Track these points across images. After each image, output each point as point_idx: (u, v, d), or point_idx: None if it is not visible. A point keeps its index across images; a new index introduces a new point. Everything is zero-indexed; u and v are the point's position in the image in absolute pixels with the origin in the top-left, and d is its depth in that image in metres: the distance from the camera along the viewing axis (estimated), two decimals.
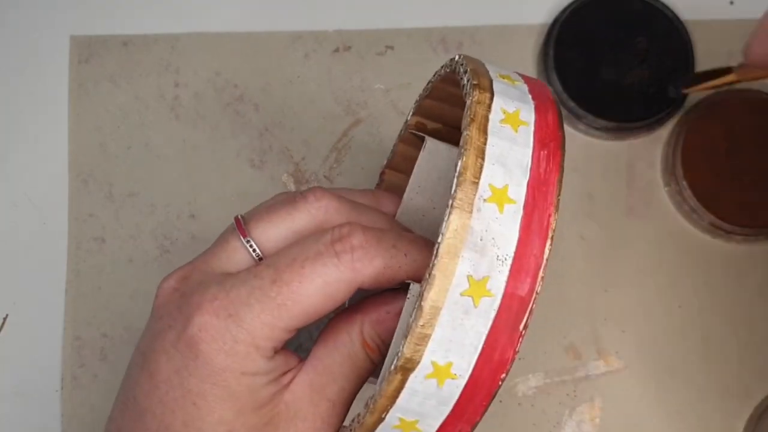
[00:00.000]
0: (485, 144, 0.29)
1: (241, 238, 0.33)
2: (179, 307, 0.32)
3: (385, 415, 0.29)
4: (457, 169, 0.28)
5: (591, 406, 0.46)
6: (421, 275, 0.31)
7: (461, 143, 0.29)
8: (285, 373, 0.33)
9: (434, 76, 0.36)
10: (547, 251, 0.29)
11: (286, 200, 0.34)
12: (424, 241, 0.32)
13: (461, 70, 0.31)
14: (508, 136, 0.29)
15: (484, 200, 0.28)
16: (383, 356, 0.33)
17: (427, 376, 0.28)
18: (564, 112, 0.49)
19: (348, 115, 0.49)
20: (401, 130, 0.40)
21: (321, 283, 0.31)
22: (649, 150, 0.49)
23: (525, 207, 0.29)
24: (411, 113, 0.39)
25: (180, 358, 0.31)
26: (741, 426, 0.47)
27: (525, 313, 0.28)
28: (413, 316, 0.28)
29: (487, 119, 0.29)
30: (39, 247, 0.47)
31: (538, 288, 0.28)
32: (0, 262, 0.47)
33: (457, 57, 0.33)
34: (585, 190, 0.49)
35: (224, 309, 0.31)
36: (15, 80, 0.49)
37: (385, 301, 0.33)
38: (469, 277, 0.28)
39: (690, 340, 0.47)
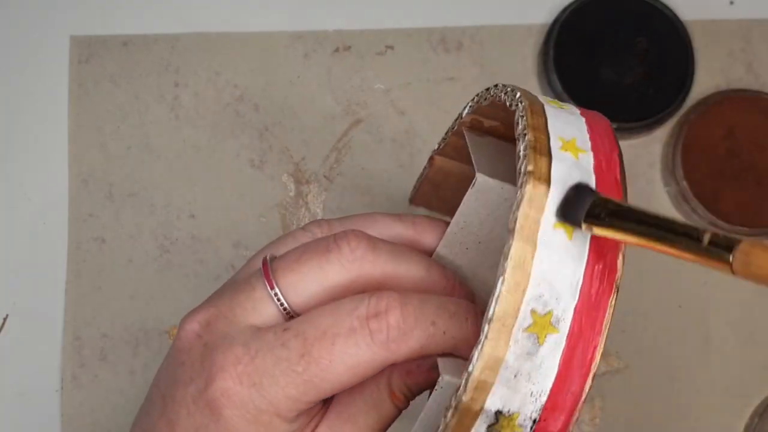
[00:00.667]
0: (532, 258, 0.25)
1: (268, 288, 0.31)
2: (202, 360, 0.31)
3: None
4: (496, 290, 0.25)
5: (591, 406, 0.46)
6: (457, 351, 0.30)
7: (504, 252, 0.25)
8: (309, 423, 0.32)
9: (493, 90, 0.32)
10: (587, 389, 0.26)
11: (319, 248, 0.31)
12: (466, 313, 0.30)
13: (520, 126, 0.28)
14: (560, 246, 0.26)
15: (523, 330, 0.25)
16: (408, 403, 0.32)
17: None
18: None
19: (348, 115, 0.49)
20: (453, 124, 0.38)
21: (351, 363, 0.29)
22: (649, 150, 0.49)
23: (569, 338, 0.26)
24: (467, 111, 0.36)
25: (200, 417, 0.30)
26: (741, 426, 0.47)
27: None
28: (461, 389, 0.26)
29: (538, 224, 0.26)
30: (39, 247, 0.47)
31: (572, 427, 0.27)
32: (0, 262, 0.47)
33: (518, 96, 0.29)
34: None
35: (248, 377, 0.30)
36: (15, 80, 0.49)
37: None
38: (497, 413, 0.26)
39: (690, 340, 0.47)
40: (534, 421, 0.26)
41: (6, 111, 0.49)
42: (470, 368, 0.25)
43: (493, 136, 0.35)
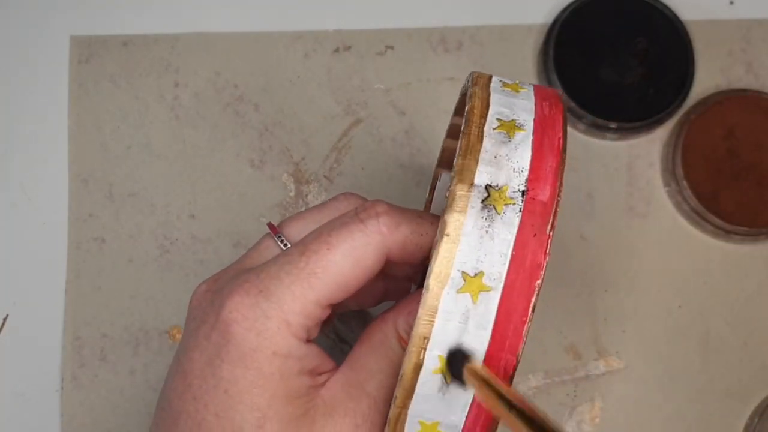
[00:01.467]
0: (489, 98, 0.30)
1: (272, 234, 0.33)
2: (212, 303, 0.32)
3: (426, 343, 0.28)
4: (466, 110, 0.29)
5: (591, 407, 0.46)
6: None
7: (467, 102, 0.30)
8: (321, 373, 0.32)
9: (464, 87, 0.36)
10: (562, 165, 0.29)
11: (320, 204, 0.34)
12: None
13: (465, 117, 0.31)
14: (510, 94, 0.31)
15: (493, 128, 0.29)
16: None
17: (460, 290, 0.28)
18: None
19: (348, 115, 0.49)
20: (448, 129, 0.39)
21: (348, 248, 0.31)
22: (649, 150, 0.49)
23: (534, 133, 0.30)
24: (453, 113, 0.39)
25: (212, 348, 0.31)
26: (741, 426, 0.47)
27: (549, 216, 0.29)
28: (439, 233, 0.28)
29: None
30: (39, 247, 0.47)
31: (558, 194, 0.29)
32: (0, 262, 0.47)
33: (468, 82, 0.33)
34: (585, 190, 0.49)
35: (255, 287, 0.31)
36: (15, 80, 0.49)
37: (416, 298, 0.32)
38: (488, 186, 0.28)
39: (690, 340, 0.47)
40: (522, 193, 0.29)
41: (6, 111, 0.49)
42: (455, 161, 0.29)
43: None
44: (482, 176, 0.28)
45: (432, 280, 0.28)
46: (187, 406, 0.31)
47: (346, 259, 0.31)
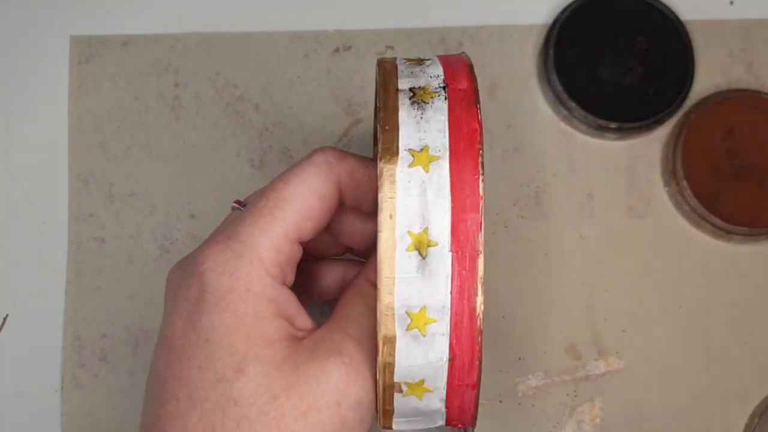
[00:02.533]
0: (395, 62, 0.33)
1: (237, 206, 0.34)
2: (184, 269, 0.32)
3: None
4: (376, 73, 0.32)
5: (591, 407, 0.46)
6: None
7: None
8: (301, 329, 0.32)
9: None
10: (471, 68, 0.32)
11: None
12: None
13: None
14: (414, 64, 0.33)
15: (404, 61, 0.33)
16: None
17: (410, 164, 0.30)
18: (564, 112, 0.49)
19: (348, 115, 0.49)
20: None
21: (302, 179, 0.32)
22: (649, 150, 0.49)
23: (440, 58, 0.33)
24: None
25: (191, 304, 0.31)
26: (741, 426, 0.47)
27: (472, 96, 0.31)
28: (379, 129, 0.31)
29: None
30: (39, 247, 0.47)
31: (475, 85, 0.31)
32: (0, 262, 0.47)
33: (377, 71, 0.34)
34: (585, 190, 0.49)
35: (224, 236, 0.32)
36: (15, 80, 0.49)
37: None
38: (411, 88, 0.31)
39: (690, 341, 0.47)
40: (443, 87, 0.31)
41: (6, 111, 0.49)
42: (376, 83, 0.32)
43: None
44: (404, 83, 0.31)
45: (382, 163, 0.29)
46: (173, 368, 0.31)
47: (302, 189, 0.32)
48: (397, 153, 0.30)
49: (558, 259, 0.48)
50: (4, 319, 0.47)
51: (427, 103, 0.30)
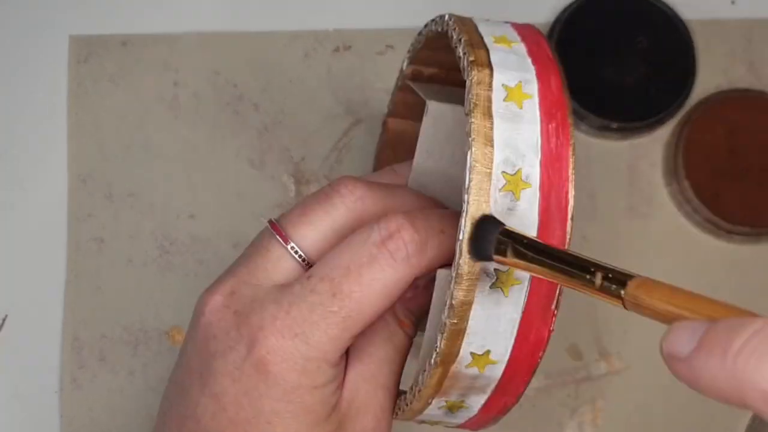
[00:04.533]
0: (492, 129, 0.28)
1: (284, 244, 0.32)
2: (237, 328, 0.31)
3: (431, 400, 0.30)
4: (468, 162, 0.28)
5: (592, 407, 0.46)
6: None
7: (467, 131, 0.28)
8: (339, 371, 0.33)
9: (424, 29, 0.36)
10: (569, 231, 0.29)
11: (320, 197, 0.33)
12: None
13: (455, 37, 0.31)
14: (514, 115, 0.29)
15: (499, 190, 0.28)
16: (417, 327, 0.34)
17: (468, 365, 0.29)
18: None
19: (348, 115, 0.49)
20: (397, 80, 0.39)
21: (381, 287, 0.30)
22: (650, 150, 0.49)
23: (541, 188, 0.29)
24: (406, 63, 0.39)
25: (248, 380, 0.31)
26: (742, 427, 0.46)
27: (555, 292, 0.29)
28: (445, 313, 0.28)
29: (490, 101, 0.29)
30: (38, 247, 0.47)
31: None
32: (0, 262, 0.47)
33: (447, 17, 0.32)
34: (586, 190, 0.49)
35: (289, 329, 0.31)
36: (14, 80, 0.49)
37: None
38: (496, 269, 0.28)
39: None
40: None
41: (5, 111, 0.49)
42: (459, 236, 0.28)
43: (435, 83, 0.38)
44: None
45: (441, 359, 0.29)
46: (223, 428, 0.31)
47: (379, 298, 0.31)
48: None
49: None
50: (4, 319, 0.47)
51: (507, 296, 0.29)
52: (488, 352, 0.29)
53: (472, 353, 0.29)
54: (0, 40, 0.50)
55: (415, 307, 0.33)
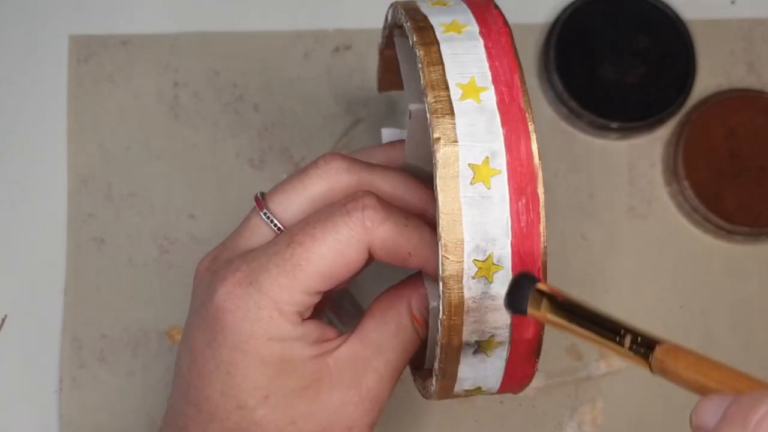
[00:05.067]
0: (461, 215, 0.29)
1: (260, 212, 0.34)
2: (208, 284, 0.33)
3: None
4: (440, 254, 0.29)
5: (592, 407, 0.46)
6: (429, 268, 0.33)
7: (436, 212, 0.29)
8: (325, 341, 0.33)
9: (385, 23, 0.37)
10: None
11: (300, 171, 0.35)
12: (431, 242, 0.32)
13: (420, 77, 0.31)
14: (482, 198, 0.29)
15: (472, 277, 0.29)
16: (428, 330, 0.34)
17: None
18: (565, 111, 0.49)
19: (348, 115, 0.49)
20: (385, 26, 0.39)
21: (332, 241, 0.32)
22: (650, 149, 0.49)
23: (513, 269, 0.29)
24: (382, 43, 0.39)
25: (210, 330, 0.32)
26: None
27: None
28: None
29: (457, 186, 0.29)
30: (38, 247, 0.47)
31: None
32: (0, 262, 0.47)
33: (412, 41, 0.32)
34: (586, 190, 0.49)
35: (246, 278, 0.32)
36: (14, 80, 0.49)
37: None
38: (475, 261, 0.29)
39: (691, 341, 0.47)
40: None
41: (5, 111, 0.49)
42: (440, 316, 0.29)
43: None
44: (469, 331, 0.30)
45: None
46: (194, 380, 0.33)
47: (330, 251, 0.32)
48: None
49: (558, 259, 0.48)
50: (3, 319, 0.47)
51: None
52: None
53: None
54: (0, 40, 0.50)
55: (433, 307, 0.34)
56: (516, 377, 0.32)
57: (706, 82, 0.50)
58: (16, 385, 0.46)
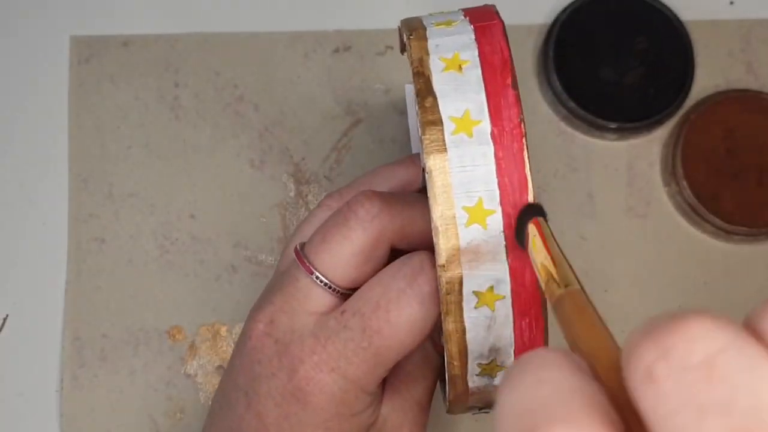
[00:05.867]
0: (464, 334, 0.29)
1: (308, 275, 0.33)
2: (279, 357, 0.33)
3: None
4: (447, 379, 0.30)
5: None
6: None
7: (443, 341, 0.30)
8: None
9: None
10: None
11: (338, 220, 0.33)
12: None
13: (418, 116, 0.30)
14: (486, 318, 0.30)
15: (477, 375, 0.30)
16: None
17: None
18: (563, 112, 0.49)
19: (348, 115, 0.49)
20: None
21: (408, 324, 0.31)
22: (649, 150, 0.49)
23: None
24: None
25: (288, 406, 0.32)
26: None
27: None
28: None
29: (461, 308, 0.29)
30: (39, 247, 0.47)
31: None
32: (0, 262, 0.47)
33: (414, 69, 0.32)
34: (585, 190, 0.49)
35: (325, 363, 0.32)
36: (15, 80, 0.49)
37: None
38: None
39: None
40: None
41: (6, 111, 0.49)
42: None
43: None
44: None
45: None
46: None
47: (407, 335, 0.32)
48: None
49: None
50: (4, 319, 0.47)
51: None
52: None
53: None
54: (1, 40, 0.50)
55: None
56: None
57: (704, 82, 0.50)
58: (17, 384, 0.46)
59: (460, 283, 0.29)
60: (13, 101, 0.49)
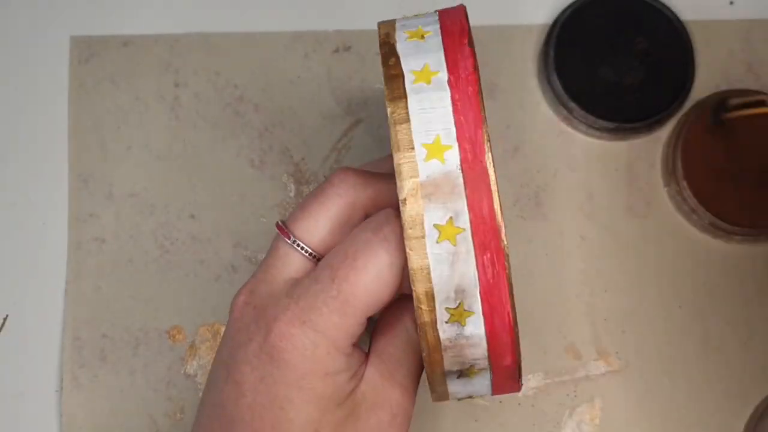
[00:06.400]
0: (429, 272, 0.30)
1: (287, 240, 0.34)
2: (256, 321, 0.34)
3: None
4: (415, 306, 0.31)
5: (591, 407, 0.46)
6: None
7: (408, 271, 0.31)
8: (359, 366, 0.34)
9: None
10: (516, 350, 0.31)
11: (316, 192, 0.35)
12: None
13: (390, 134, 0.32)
14: (449, 254, 0.30)
15: (445, 322, 0.31)
16: None
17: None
18: (564, 112, 0.49)
19: (348, 115, 0.49)
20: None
21: (374, 270, 0.32)
22: (649, 150, 0.49)
23: (484, 315, 0.31)
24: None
25: (263, 367, 0.33)
26: (741, 426, 0.47)
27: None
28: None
29: (424, 245, 0.30)
30: (39, 247, 0.47)
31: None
32: (0, 262, 0.47)
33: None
34: (585, 190, 0.49)
35: (298, 318, 0.33)
36: (15, 80, 0.49)
37: None
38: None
39: (690, 341, 0.47)
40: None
41: (6, 111, 0.49)
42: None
43: None
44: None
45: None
46: (243, 413, 0.33)
47: (374, 282, 0.32)
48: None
49: (558, 259, 0.48)
50: (4, 319, 0.47)
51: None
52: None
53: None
54: (1, 40, 0.50)
55: None
56: (504, 391, 0.33)
57: (704, 82, 0.50)
58: (17, 384, 0.46)
59: (422, 216, 0.30)
60: (13, 101, 0.49)
